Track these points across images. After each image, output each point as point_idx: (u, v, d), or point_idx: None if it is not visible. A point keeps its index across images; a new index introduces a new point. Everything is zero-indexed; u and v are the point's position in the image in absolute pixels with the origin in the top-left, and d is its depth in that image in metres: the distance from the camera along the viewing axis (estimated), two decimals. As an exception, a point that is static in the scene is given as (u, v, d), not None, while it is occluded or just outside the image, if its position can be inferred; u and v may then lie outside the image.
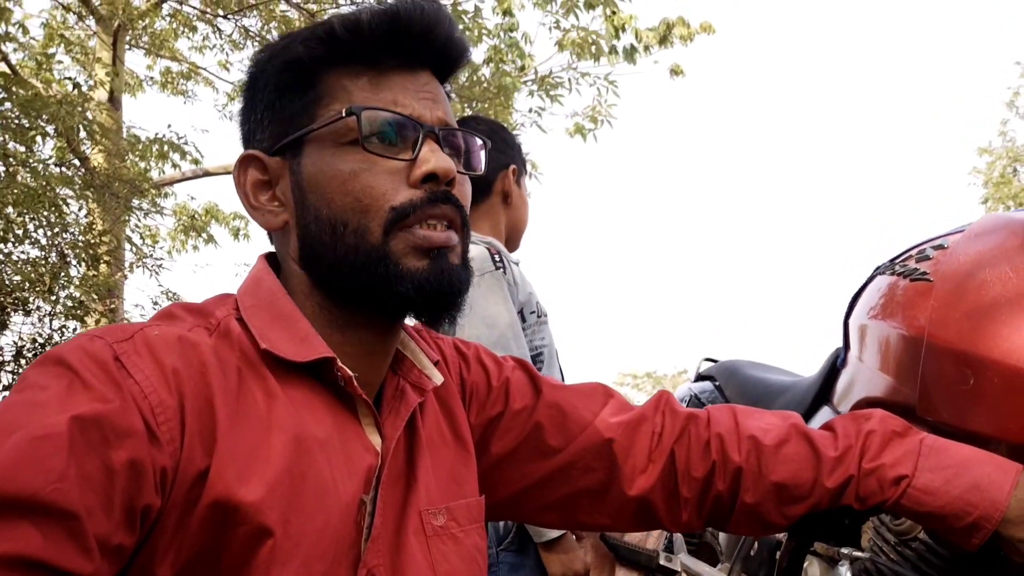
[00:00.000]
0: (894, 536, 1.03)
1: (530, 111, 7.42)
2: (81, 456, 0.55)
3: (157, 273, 4.91)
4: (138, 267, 5.01)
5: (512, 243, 1.65)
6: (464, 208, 0.74)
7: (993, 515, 0.76)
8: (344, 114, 0.70)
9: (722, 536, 1.65)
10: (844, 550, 1.10)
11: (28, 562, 0.51)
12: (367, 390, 0.74)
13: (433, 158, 0.71)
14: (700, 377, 2.07)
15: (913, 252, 1.14)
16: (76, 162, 4.88)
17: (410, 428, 0.77)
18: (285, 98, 0.74)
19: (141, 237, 5.18)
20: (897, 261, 1.17)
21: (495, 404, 0.87)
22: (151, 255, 5.03)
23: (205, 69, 8.17)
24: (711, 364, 2.11)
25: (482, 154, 0.80)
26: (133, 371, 0.61)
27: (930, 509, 0.79)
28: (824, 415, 1.37)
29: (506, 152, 1.61)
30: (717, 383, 1.92)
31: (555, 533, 1.45)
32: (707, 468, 0.86)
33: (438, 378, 0.79)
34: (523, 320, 1.50)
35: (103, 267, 4.50)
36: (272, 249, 0.80)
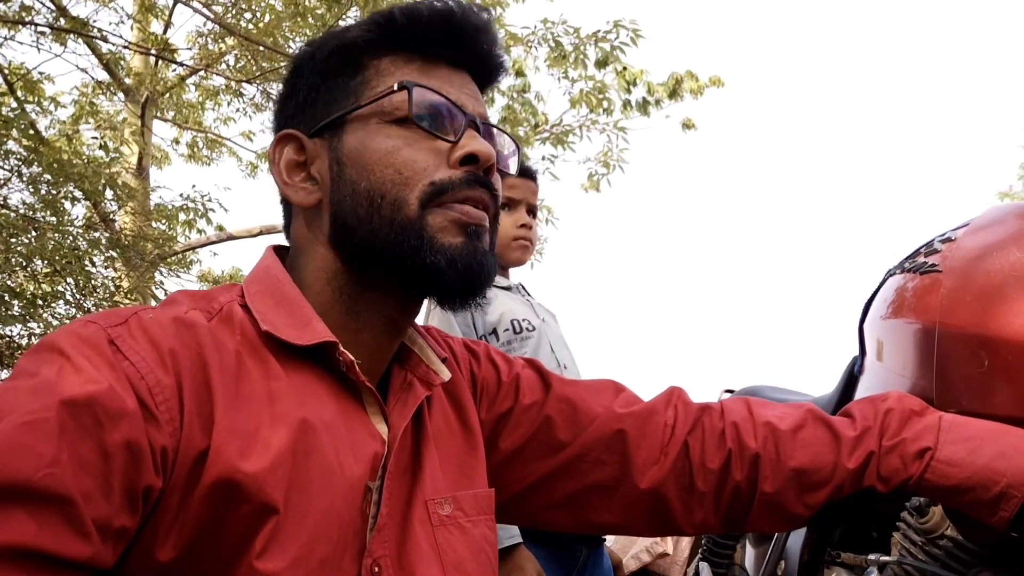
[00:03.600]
0: (921, 536, 1.00)
1: (543, 159, 7.54)
2: (74, 440, 0.54)
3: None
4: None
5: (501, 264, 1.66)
6: (499, 199, 0.76)
7: (1022, 481, 0.74)
8: (396, 88, 0.73)
9: (748, 562, 1.60)
10: (871, 556, 1.06)
11: (22, 552, 0.51)
12: (370, 379, 0.74)
13: (477, 142, 0.73)
14: (721, 406, 2.05)
15: (922, 249, 1.14)
16: (101, 223, 5.00)
17: (417, 421, 0.77)
18: (331, 81, 0.76)
19: (166, 294, 5.26)
20: (906, 260, 1.17)
21: (505, 400, 0.87)
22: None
23: (230, 140, 8.42)
24: (730, 395, 2.08)
25: (515, 157, 0.84)
26: (128, 353, 0.61)
27: (956, 482, 0.77)
28: (845, 426, 1.35)
29: None
30: (738, 409, 1.89)
31: (508, 542, 1.40)
32: (723, 458, 0.84)
33: (445, 374, 0.79)
34: (497, 339, 1.52)
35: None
36: (280, 243, 0.82)
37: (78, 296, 4.32)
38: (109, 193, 4.49)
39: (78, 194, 4.24)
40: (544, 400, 0.87)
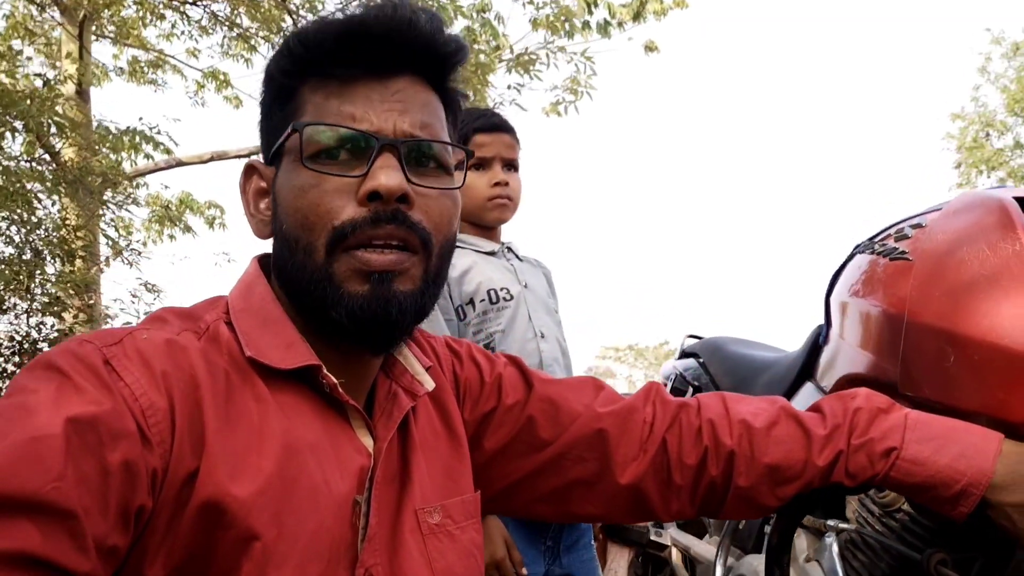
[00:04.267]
0: (879, 508, 1.06)
1: (508, 88, 7.37)
2: (77, 457, 0.55)
3: (131, 265, 4.87)
4: (115, 260, 4.97)
5: (476, 224, 1.63)
6: (422, 228, 0.70)
7: (981, 481, 0.78)
8: (291, 131, 0.70)
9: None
10: (830, 522, 1.12)
11: (28, 559, 0.52)
12: (356, 394, 0.74)
13: (380, 174, 0.68)
14: (684, 354, 2.10)
15: (892, 231, 1.16)
16: (47, 157, 4.80)
17: (403, 429, 0.78)
18: (273, 109, 0.75)
19: (116, 229, 5.13)
20: (876, 240, 1.18)
21: (488, 400, 0.88)
22: (127, 247, 4.97)
23: (173, 57, 8.03)
24: (695, 341, 2.13)
25: (458, 165, 0.77)
26: (123, 374, 0.61)
27: (919, 480, 0.80)
28: (807, 391, 1.40)
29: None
30: (701, 360, 1.94)
31: None
32: (700, 454, 0.87)
33: (430, 384, 0.80)
34: (473, 309, 1.50)
35: (79, 262, 4.46)
36: (264, 251, 0.80)
37: (24, 233, 4.17)
38: (53, 128, 4.29)
39: (18, 124, 4.04)
40: (526, 400, 0.89)
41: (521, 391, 0.89)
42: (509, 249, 1.67)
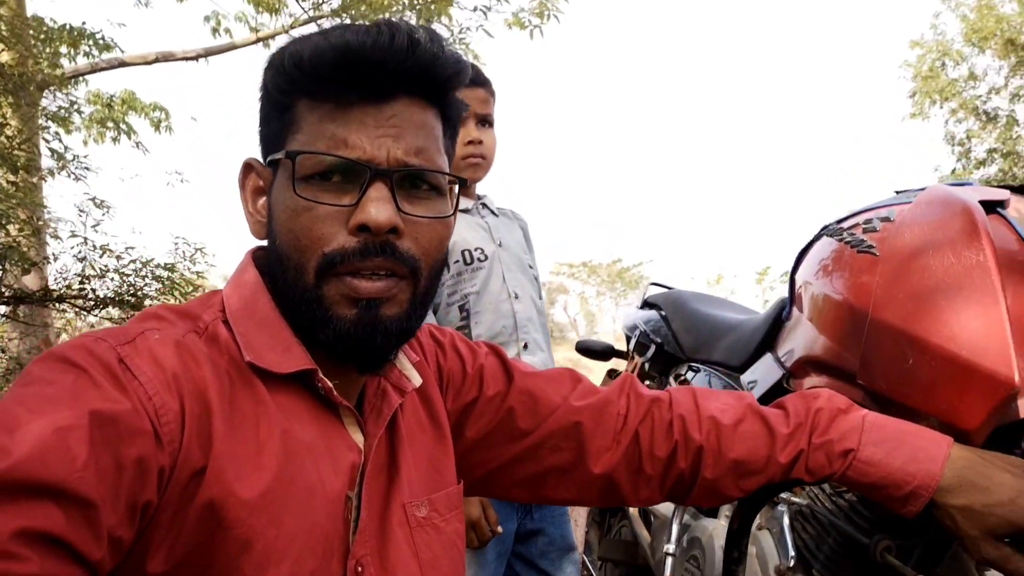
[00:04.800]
0: (830, 486, 1.13)
1: (475, 10, 7.11)
2: (98, 450, 0.57)
3: (78, 180, 4.67)
4: (60, 173, 4.76)
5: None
6: (411, 257, 0.71)
7: (930, 484, 0.84)
8: (284, 156, 0.71)
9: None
10: (783, 494, 1.20)
11: (52, 538, 0.54)
12: (347, 393, 0.76)
13: (371, 207, 0.69)
14: (646, 304, 2.14)
15: (860, 220, 1.18)
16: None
17: (391, 423, 0.80)
18: (272, 114, 0.74)
19: (57, 136, 4.87)
20: (845, 227, 1.21)
21: (470, 390, 0.91)
22: (72, 160, 4.75)
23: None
24: (658, 291, 2.17)
25: (451, 193, 0.77)
26: (137, 374, 0.64)
27: (873, 480, 0.86)
28: (767, 361, 1.45)
29: None
30: (663, 313, 1.98)
31: None
32: (670, 448, 0.92)
33: (417, 380, 0.82)
34: (448, 270, 1.51)
35: (22, 173, 4.27)
36: (259, 244, 0.80)
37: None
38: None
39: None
40: (507, 391, 0.92)
41: (502, 382, 0.92)
42: (484, 205, 1.65)
